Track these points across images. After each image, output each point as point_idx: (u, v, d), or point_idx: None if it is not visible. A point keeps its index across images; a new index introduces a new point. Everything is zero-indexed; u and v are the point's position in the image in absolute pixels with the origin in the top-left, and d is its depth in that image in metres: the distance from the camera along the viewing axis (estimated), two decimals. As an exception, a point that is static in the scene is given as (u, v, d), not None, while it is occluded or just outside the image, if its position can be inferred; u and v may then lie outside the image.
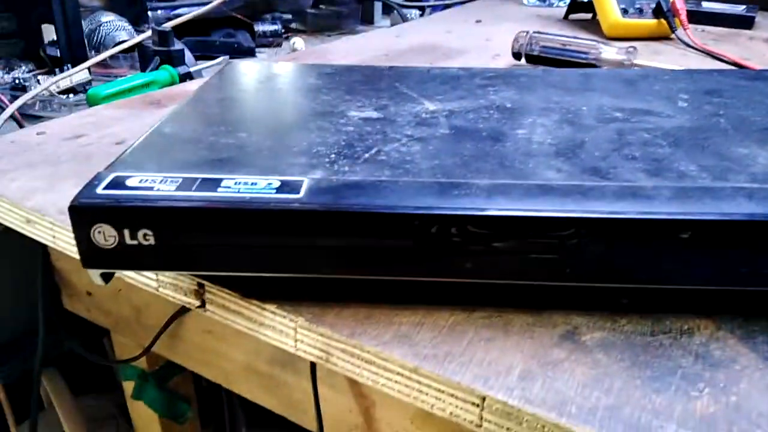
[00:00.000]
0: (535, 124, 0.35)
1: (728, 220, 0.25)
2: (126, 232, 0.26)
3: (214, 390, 0.67)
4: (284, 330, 0.27)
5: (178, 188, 0.27)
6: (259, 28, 0.93)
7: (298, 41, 0.89)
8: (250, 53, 0.87)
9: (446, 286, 0.27)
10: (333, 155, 0.30)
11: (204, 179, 0.27)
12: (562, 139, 0.33)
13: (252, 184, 0.27)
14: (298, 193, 0.26)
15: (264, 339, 0.28)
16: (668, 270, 0.26)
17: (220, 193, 0.26)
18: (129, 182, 0.27)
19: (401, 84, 0.43)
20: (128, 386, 0.60)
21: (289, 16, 1.02)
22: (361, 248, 0.26)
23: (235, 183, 0.27)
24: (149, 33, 0.72)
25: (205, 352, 0.47)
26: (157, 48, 0.68)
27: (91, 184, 0.27)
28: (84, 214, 0.26)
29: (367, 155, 0.30)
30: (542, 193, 0.27)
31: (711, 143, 0.32)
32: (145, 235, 0.26)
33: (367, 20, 1.10)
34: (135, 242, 0.26)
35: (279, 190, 0.26)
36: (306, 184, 0.27)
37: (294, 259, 0.27)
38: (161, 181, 0.27)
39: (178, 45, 0.72)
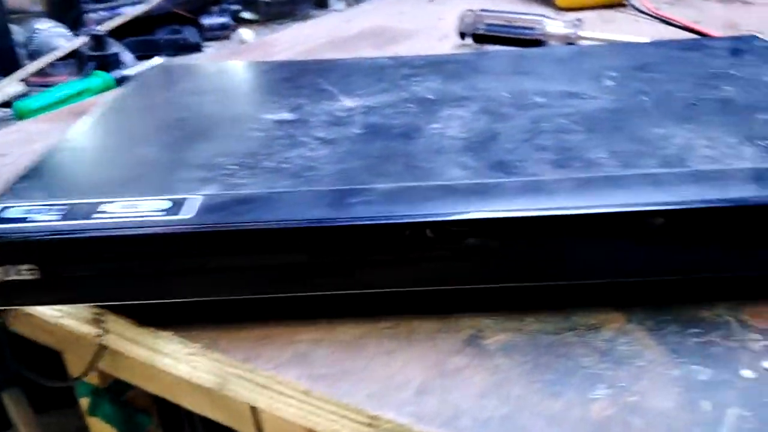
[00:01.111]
0: (452, 116, 0.34)
1: (628, 212, 0.24)
2: (8, 268, 0.25)
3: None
4: (180, 357, 0.26)
5: (64, 217, 0.26)
6: (207, 21, 0.90)
7: (246, 33, 0.87)
8: (196, 49, 0.85)
9: (349, 297, 0.27)
10: (234, 166, 0.29)
11: (90, 204, 0.26)
12: (476, 131, 0.32)
13: (140, 206, 0.26)
14: (188, 213, 0.25)
15: (162, 367, 0.27)
16: (571, 265, 0.26)
17: (106, 219, 0.25)
18: (10, 213, 0.26)
19: (324, 80, 0.41)
20: (85, 403, 0.59)
21: (239, 7, 1.00)
22: (254, 267, 0.25)
23: (123, 207, 0.26)
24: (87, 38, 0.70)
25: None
26: (91, 53, 0.66)
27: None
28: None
29: (269, 163, 0.29)
30: (442, 195, 0.26)
31: (629, 125, 0.31)
32: (28, 269, 0.25)
33: (321, 4, 1.08)
34: (19, 277, 0.25)
35: (169, 211, 0.25)
36: (198, 202, 0.26)
37: (185, 283, 0.26)
38: (46, 211, 0.26)
39: (115, 48, 0.70)
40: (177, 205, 0.25)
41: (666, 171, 0.27)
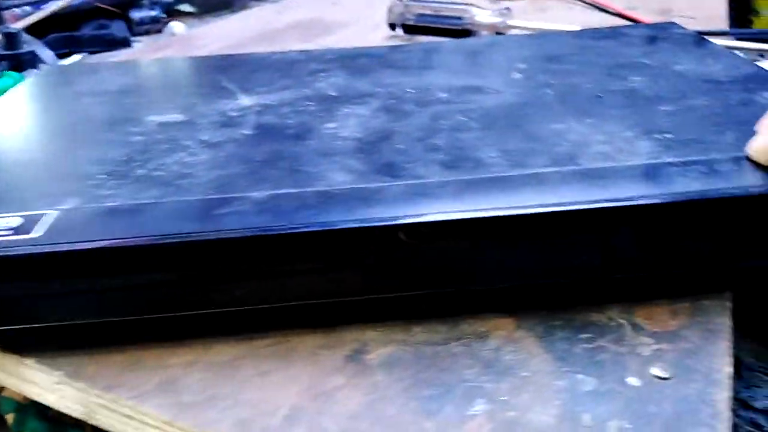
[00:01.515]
0: (351, 115, 0.32)
1: (504, 215, 0.23)
2: None
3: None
4: (45, 385, 0.24)
5: None
6: (136, 15, 0.87)
7: (177, 26, 0.84)
8: (124, 44, 0.81)
9: (225, 315, 0.25)
10: (103, 175, 0.27)
11: None
12: (371, 131, 0.30)
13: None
14: (38, 231, 0.23)
15: (32, 396, 0.25)
16: (453, 272, 0.24)
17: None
18: None
19: (226, 76, 0.39)
20: (10, 419, 0.57)
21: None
22: (115, 288, 0.23)
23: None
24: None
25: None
26: (4, 52, 0.63)
27: None
28: None
29: (141, 171, 0.27)
30: (319, 203, 0.24)
31: (527, 121, 0.30)
32: None
33: (260, -5, 1.05)
34: None
35: (18, 229, 0.23)
36: (52, 218, 0.24)
37: (43, 306, 0.24)
38: None
39: (32, 46, 0.66)
40: (30, 222, 0.23)
41: (554, 170, 0.25)
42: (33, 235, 0.23)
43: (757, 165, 0.25)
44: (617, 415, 0.21)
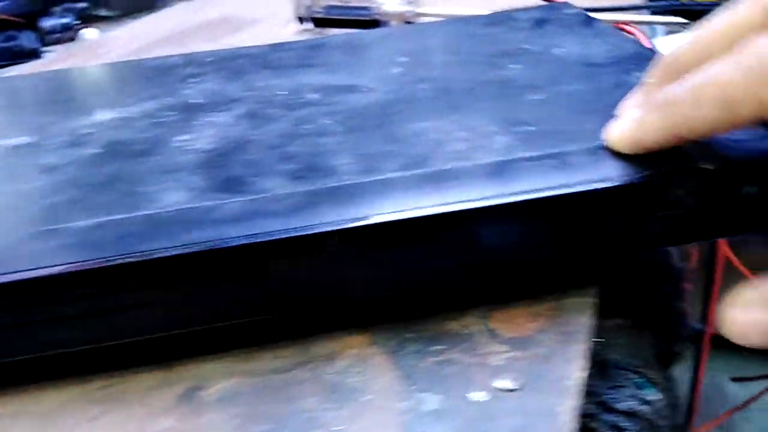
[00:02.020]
0: (210, 124, 0.30)
1: (339, 229, 0.22)
2: None
3: None
4: None
5: None
6: (47, 24, 0.83)
7: (89, 33, 0.81)
8: (34, 55, 0.78)
9: (53, 359, 0.23)
10: None
11: None
12: (226, 141, 0.29)
13: None
14: None
15: None
16: (301, 291, 0.23)
17: None
18: None
19: (94, 88, 0.37)
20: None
21: (86, 4, 0.92)
22: None
23: None
24: None
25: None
26: None
27: None
28: None
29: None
30: (144, 229, 0.22)
31: (392, 121, 0.29)
32: None
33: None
34: None
35: None
36: None
37: None
38: None
39: None
40: None
41: (403, 175, 0.24)
42: None
43: (615, 153, 0.24)
44: (455, 436, 0.20)
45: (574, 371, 0.22)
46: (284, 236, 0.22)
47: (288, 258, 0.22)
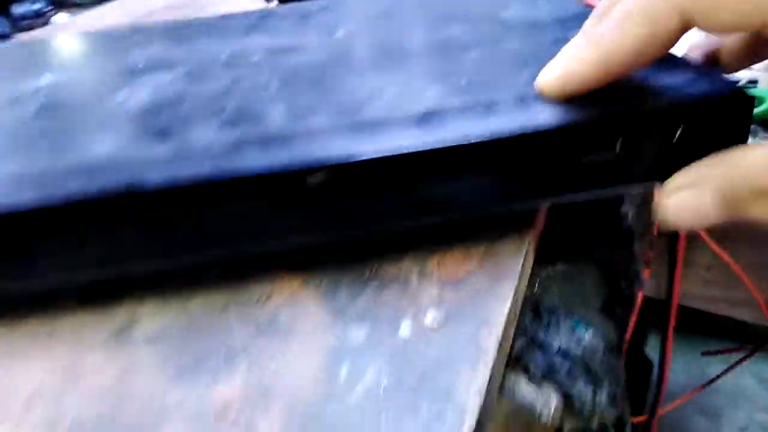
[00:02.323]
0: (147, 84, 0.30)
1: (269, 172, 0.22)
2: None
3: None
4: None
5: None
6: (18, 10, 0.82)
7: (60, 17, 0.80)
8: (5, 40, 0.77)
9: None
10: None
11: None
12: (162, 98, 0.28)
13: None
14: None
15: None
16: (220, 235, 0.23)
17: None
18: None
19: (41, 57, 0.37)
20: None
21: (59, -10, 0.92)
22: None
23: None
24: None
25: None
26: None
27: None
28: None
29: None
30: (70, 173, 0.22)
31: (328, 79, 0.29)
32: None
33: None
34: None
35: None
36: None
37: None
38: None
39: None
40: None
41: (333, 123, 0.24)
42: None
43: (546, 100, 0.24)
44: (377, 366, 0.20)
45: (501, 308, 0.22)
46: (208, 178, 0.22)
47: (215, 201, 0.22)
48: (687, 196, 0.21)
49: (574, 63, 0.22)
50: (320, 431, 0.18)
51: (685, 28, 0.20)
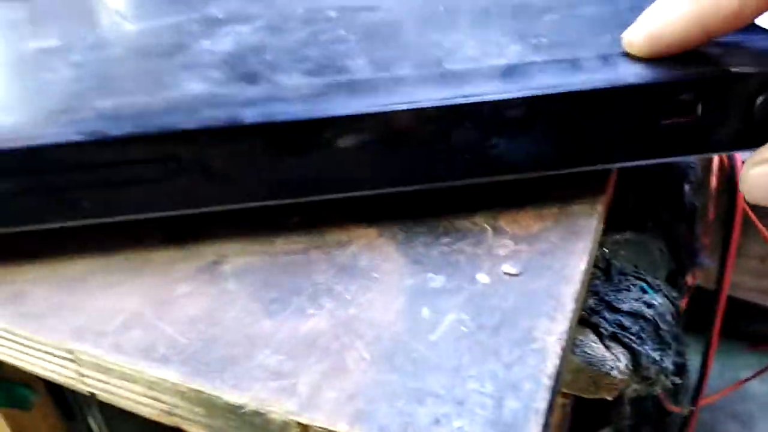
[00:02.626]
0: (230, 33, 0.31)
1: (353, 115, 0.23)
2: None
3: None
4: None
5: None
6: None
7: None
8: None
9: (78, 230, 0.24)
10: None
11: None
12: (244, 46, 0.29)
13: None
14: None
15: None
16: (311, 180, 0.24)
17: None
18: None
19: (118, 3, 0.38)
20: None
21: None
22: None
23: None
24: None
25: None
26: None
27: None
28: None
29: None
30: (164, 109, 0.23)
31: (407, 34, 0.29)
32: None
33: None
34: None
35: None
36: None
37: None
38: None
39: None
40: None
41: (415, 73, 0.25)
42: None
43: (632, 58, 0.24)
44: (457, 308, 0.21)
45: (577, 263, 0.22)
46: (297, 118, 0.22)
47: (300, 143, 0.23)
48: None
49: (667, 19, 0.22)
50: (407, 364, 0.19)
51: None
